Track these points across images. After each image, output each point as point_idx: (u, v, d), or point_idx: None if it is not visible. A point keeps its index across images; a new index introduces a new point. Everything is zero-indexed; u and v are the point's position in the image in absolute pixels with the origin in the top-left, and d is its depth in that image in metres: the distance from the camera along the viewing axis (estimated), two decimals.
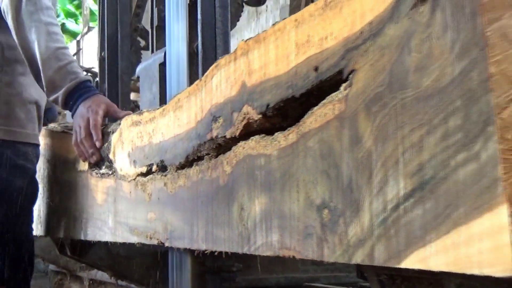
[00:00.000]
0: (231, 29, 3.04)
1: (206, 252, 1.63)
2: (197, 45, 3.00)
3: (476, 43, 0.92)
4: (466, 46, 0.94)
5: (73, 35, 23.95)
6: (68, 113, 3.48)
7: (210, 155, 1.60)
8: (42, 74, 2.62)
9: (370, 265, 1.12)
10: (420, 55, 1.02)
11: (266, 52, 1.38)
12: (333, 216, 1.19)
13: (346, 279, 3.13)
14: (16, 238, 2.80)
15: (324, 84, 1.23)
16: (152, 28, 3.46)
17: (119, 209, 2.13)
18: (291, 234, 1.29)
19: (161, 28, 3.40)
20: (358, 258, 1.13)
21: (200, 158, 1.64)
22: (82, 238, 2.48)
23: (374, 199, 1.09)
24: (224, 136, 1.52)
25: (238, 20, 3.56)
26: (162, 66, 3.07)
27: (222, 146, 1.54)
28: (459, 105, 0.95)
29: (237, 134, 1.46)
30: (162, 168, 1.85)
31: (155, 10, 3.40)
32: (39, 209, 3.02)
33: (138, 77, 3.39)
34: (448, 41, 0.97)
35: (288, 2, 5.27)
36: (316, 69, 1.23)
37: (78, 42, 21.79)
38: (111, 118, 2.63)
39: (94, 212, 2.38)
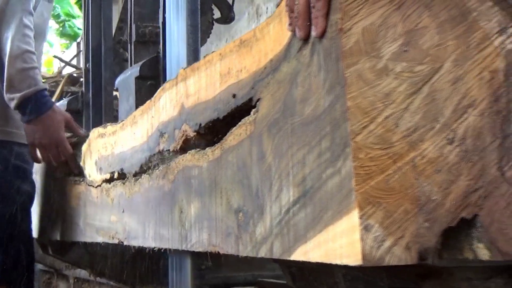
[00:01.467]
0: (201, 45, 3.29)
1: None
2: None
3: (339, 82, 1.18)
4: (332, 83, 1.19)
5: (73, 37, 24.11)
6: None
7: (158, 165, 1.85)
8: (5, 71, 2.73)
9: (271, 258, 1.37)
10: (304, 89, 1.27)
11: (199, 80, 1.63)
12: (246, 218, 1.44)
13: None
14: (16, 238, 2.96)
15: (241, 109, 1.48)
16: (130, 43, 3.70)
17: (88, 212, 2.38)
18: (217, 233, 1.54)
19: (139, 43, 3.65)
20: (262, 252, 1.38)
21: (151, 168, 1.89)
22: (59, 238, 2.73)
23: (273, 204, 1.35)
24: (168, 150, 1.77)
25: (208, 37, 3.80)
26: (138, 79, 3.32)
27: (167, 158, 1.79)
28: (328, 130, 1.20)
29: (178, 148, 1.71)
30: (122, 175, 2.10)
31: (133, 26, 3.64)
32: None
33: (117, 89, 3.63)
34: (322, 79, 1.22)
35: None
36: (234, 96, 1.48)
37: (78, 44, 21.98)
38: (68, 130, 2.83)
39: (68, 215, 2.63)
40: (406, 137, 1.17)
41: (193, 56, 3.27)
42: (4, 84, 2.76)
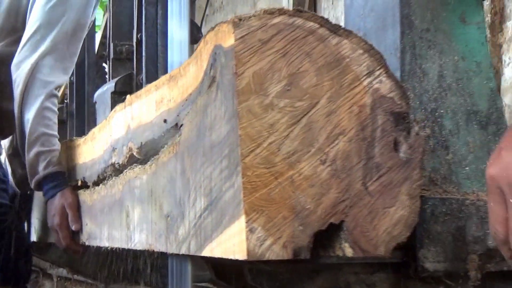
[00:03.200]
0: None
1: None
2: (142, 77, 3.57)
3: (234, 115, 1.49)
4: (229, 116, 1.51)
5: None
6: None
7: (112, 176, 2.16)
8: (25, 155, 2.78)
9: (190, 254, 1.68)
10: (211, 119, 1.58)
11: (141, 105, 1.94)
12: (172, 222, 1.75)
13: None
14: (12, 240, 3.20)
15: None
16: (109, 60, 4.02)
17: None
18: (152, 234, 1.86)
19: (116, 60, 3.97)
20: (183, 250, 1.69)
21: (106, 178, 2.21)
22: (36, 240, 3.05)
23: (191, 210, 1.66)
24: (119, 163, 2.08)
25: None
26: (113, 94, 3.65)
27: (118, 170, 2.10)
28: (227, 152, 1.51)
29: (125, 162, 2.03)
30: (85, 183, 2.42)
31: (111, 44, 3.96)
32: None
33: (95, 102, 3.95)
34: (223, 112, 1.53)
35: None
36: (165, 121, 1.79)
37: None
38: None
39: (44, 219, 2.95)
40: (286, 158, 1.48)
41: (163, 73, 3.59)
42: (27, 171, 2.81)
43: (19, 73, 2.85)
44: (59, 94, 3.03)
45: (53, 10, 2.94)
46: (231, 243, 1.49)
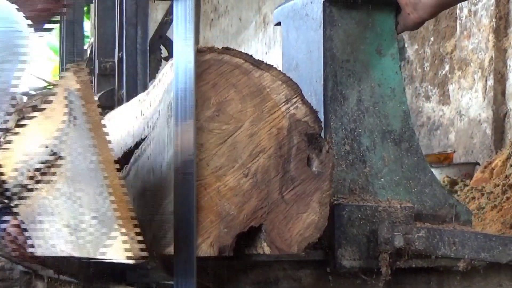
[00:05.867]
0: (150, 80, 3.91)
1: None
2: (123, 93, 3.88)
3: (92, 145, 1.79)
4: (90, 146, 1.81)
5: None
6: None
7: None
8: None
9: None
10: (82, 148, 1.88)
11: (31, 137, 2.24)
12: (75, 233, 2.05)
13: None
14: None
15: None
16: (94, 76, 4.33)
17: None
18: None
19: (101, 75, 4.27)
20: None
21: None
22: None
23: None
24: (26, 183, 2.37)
25: (157, 72, 4.43)
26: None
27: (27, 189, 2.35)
28: (94, 175, 1.81)
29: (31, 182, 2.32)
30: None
31: (96, 61, 4.27)
32: None
33: None
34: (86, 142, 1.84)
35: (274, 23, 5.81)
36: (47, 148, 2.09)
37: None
38: None
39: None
40: (214, 172, 1.79)
41: (143, 89, 3.89)
42: None
43: None
44: None
45: None
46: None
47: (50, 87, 11.23)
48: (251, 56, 1.85)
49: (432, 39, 5.87)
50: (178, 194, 1.79)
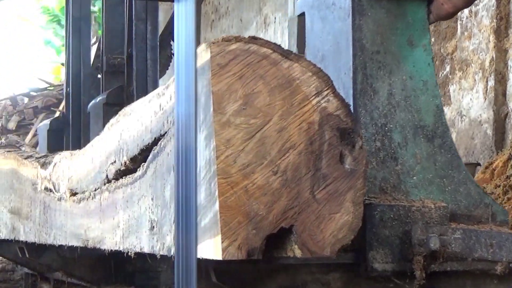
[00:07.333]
0: (160, 77, 3.81)
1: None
2: (132, 89, 3.77)
3: None
4: None
5: None
6: None
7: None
8: None
9: None
10: None
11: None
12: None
13: None
14: None
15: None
16: (102, 72, 4.22)
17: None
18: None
19: (109, 72, 4.17)
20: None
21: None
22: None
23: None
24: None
25: (167, 69, 4.32)
26: (105, 105, 3.84)
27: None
28: None
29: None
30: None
31: (104, 58, 4.16)
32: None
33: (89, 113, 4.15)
34: None
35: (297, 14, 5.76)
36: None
37: None
38: None
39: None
40: (241, 170, 1.67)
41: (153, 85, 3.79)
42: None
43: None
44: None
45: None
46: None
47: (51, 88, 11.15)
48: (279, 45, 1.74)
49: (432, 39, 5.79)
50: (178, 193, 1.68)
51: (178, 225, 1.65)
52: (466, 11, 5.14)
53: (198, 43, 1.74)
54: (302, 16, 2.23)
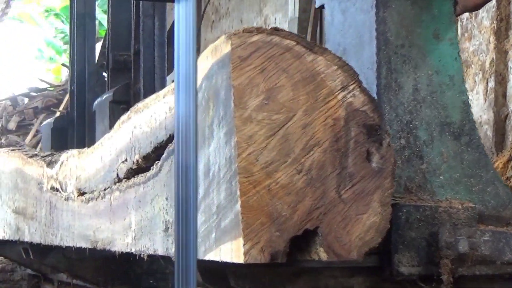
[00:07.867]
0: (168, 74, 3.72)
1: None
2: (139, 87, 3.68)
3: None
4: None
5: None
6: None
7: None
8: None
9: None
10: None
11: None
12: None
13: None
14: None
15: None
16: (108, 69, 4.13)
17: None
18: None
19: (115, 69, 4.09)
20: None
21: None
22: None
23: None
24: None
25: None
26: (112, 103, 3.76)
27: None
28: None
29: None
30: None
31: (110, 54, 4.07)
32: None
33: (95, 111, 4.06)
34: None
35: (297, 15, 5.76)
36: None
37: None
38: None
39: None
40: (264, 168, 1.58)
41: (160, 83, 3.70)
42: None
43: None
44: None
45: None
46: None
47: (51, 88, 11.06)
48: (303, 37, 1.65)
49: None
50: (178, 193, 1.60)
51: (178, 225, 1.65)
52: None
53: (198, 44, 1.71)
54: (322, 8, 2.14)
